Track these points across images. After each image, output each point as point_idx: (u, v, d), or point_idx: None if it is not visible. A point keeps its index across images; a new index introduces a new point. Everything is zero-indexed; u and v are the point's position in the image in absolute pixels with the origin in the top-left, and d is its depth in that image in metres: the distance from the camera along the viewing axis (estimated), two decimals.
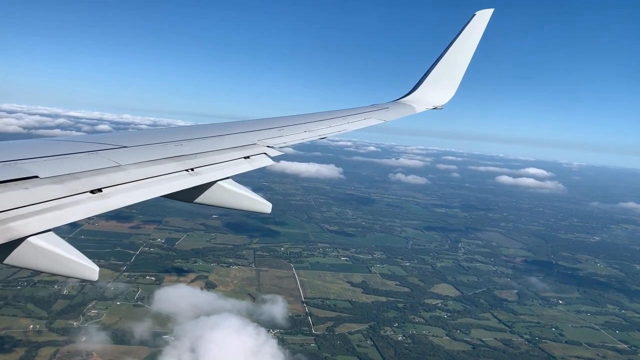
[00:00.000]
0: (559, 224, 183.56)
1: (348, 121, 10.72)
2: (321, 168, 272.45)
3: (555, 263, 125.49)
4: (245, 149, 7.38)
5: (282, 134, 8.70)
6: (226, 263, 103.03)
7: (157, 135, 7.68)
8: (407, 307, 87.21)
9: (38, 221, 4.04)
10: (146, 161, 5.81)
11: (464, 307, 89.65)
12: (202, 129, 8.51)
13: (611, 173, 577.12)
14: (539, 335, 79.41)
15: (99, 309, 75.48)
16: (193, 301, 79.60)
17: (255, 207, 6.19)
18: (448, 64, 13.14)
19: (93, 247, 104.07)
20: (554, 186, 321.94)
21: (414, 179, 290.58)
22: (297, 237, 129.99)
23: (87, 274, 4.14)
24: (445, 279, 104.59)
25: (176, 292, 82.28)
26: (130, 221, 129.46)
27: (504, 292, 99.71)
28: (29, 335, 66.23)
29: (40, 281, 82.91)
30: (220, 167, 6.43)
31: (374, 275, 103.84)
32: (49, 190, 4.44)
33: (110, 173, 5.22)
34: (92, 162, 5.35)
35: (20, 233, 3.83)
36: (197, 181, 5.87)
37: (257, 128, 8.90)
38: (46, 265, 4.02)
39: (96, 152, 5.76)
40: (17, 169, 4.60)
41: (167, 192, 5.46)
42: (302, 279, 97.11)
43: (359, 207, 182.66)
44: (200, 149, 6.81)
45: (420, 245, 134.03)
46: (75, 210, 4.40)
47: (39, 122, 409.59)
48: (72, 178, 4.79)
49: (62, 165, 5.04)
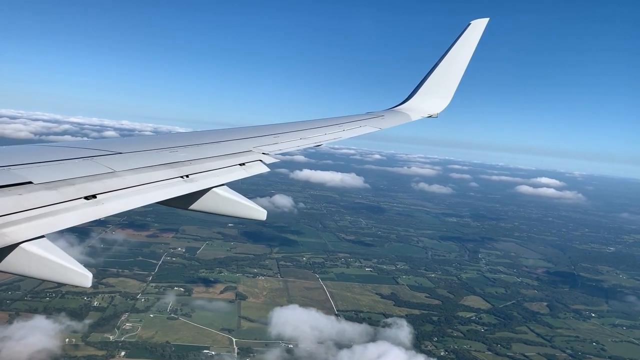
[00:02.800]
0: (571, 234, 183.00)
1: (343, 129, 10.68)
2: (345, 177, 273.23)
3: (578, 274, 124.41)
4: (241, 156, 7.35)
5: (278, 141, 8.68)
6: (251, 273, 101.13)
7: (151, 141, 7.54)
8: (442, 320, 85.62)
9: (31, 227, 3.97)
10: (141, 167, 5.77)
11: (499, 320, 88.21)
12: (197, 136, 8.51)
13: (610, 183, 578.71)
14: (581, 350, 78.02)
15: (133, 321, 73.34)
16: (311, 324, 76.56)
17: (250, 214, 6.12)
18: (443, 73, 13.20)
19: (114, 256, 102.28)
20: (573, 196, 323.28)
21: (438, 189, 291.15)
22: (316, 247, 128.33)
23: (80, 281, 4.03)
24: (474, 290, 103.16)
25: (291, 313, 79.31)
26: (146, 229, 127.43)
27: (534, 305, 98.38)
28: (67, 349, 64.06)
29: (69, 292, 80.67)
30: (215, 173, 6.38)
31: (402, 286, 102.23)
32: (42, 196, 4.37)
33: (105, 179, 5.16)
34: (86, 168, 5.31)
35: (13, 239, 3.75)
36: (192, 188, 5.84)
37: (252, 135, 8.86)
38: (39, 272, 3.92)
39: (91, 158, 5.70)
40: (11, 175, 4.55)
41: (161, 199, 5.41)
42: (331, 291, 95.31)
43: (371, 215, 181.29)
44: (195, 156, 6.76)
45: (440, 255, 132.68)
46: (69, 217, 4.31)
47: (45, 127, 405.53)
48: (66, 184, 4.72)
49: (56, 171, 4.98)
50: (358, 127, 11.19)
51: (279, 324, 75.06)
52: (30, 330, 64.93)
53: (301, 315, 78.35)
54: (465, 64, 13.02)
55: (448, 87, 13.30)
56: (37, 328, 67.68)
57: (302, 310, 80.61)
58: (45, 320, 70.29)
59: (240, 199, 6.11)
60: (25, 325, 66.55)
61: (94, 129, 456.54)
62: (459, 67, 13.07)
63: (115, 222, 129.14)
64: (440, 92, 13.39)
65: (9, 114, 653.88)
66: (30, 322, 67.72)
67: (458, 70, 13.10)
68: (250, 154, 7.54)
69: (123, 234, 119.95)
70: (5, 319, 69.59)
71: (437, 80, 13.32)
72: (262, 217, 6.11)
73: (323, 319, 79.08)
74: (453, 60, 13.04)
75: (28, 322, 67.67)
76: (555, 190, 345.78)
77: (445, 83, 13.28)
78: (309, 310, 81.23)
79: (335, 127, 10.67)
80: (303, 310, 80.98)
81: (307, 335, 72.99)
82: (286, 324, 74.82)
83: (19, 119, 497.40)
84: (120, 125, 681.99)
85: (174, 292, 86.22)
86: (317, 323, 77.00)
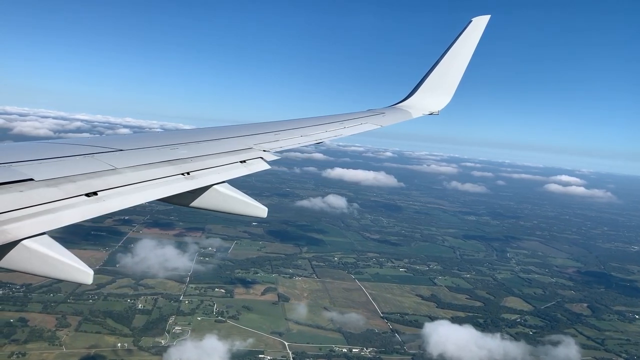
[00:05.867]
0: (591, 233, 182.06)
1: (344, 126, 10.61)
2: (377, 175, 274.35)
3: (609, 274, 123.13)
4: (242, 153, 7.28)
5: (278, 139, 8.62)
6: (287, 274, 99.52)
7: (152, 138, 7.50)
8: (488, 322, 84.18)
9: (33, 224, 3.93)
10: (142, 164, 5.72)
11: (544, 323, 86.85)
12: (198, 133, 8.49)
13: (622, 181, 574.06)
14: (636, 354, 76.66)
15: (182, 324, 71.68)
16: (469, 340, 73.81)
17: (251, 211, 6.04)
18: (444, 70, 13.14)
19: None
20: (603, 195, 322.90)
21: (472, 187, 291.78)
22: (343, 246, 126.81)
23: (82, 278, 3.93)
24: (512, 291, 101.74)
25: (446, 330, 76.62)
26: (172, 228, 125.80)
27: (574, 306, 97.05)
28: (121, 354, 62.45)
29: (110, 294, 78.97)
30: (216, 171, 6.35)
31: (440, 288, 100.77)
32: (44, 193, 4.33)
33: (106, 176, 5.08)
34: (87, 165, 5.26)
35: (14, 236, 3.74)
36: (193, 185, 5.78)
37: (253, 132, 8.77)
38: (41, 269, 3.87)
39: (92, 155, 5.65)
40: (12, 172, 4.53)
41: (162, 196, 5.35)
42: (371, 292, 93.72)
43: (391, 214, 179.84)
44: (196, 153, 6.70)
45: (469, 255, 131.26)
46: (71, 213, 4.25)
47: (58, 125, 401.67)
48: (67, 181, 4.66)
49: (57, 168, 4.91)
50: (359, 124, 11.06)
51: (438, 342, 72.07)
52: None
53: (453, 331, 76.51)
54: (467, 61, 12.96)
55: (449, 84, 13.23)
56: (87, 333, 66.22)
57: (454, 326, 79.02)
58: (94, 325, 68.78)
59: (240, 196, 6.03)
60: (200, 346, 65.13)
61: (103, 126, 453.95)
62: (460, 64, 13.00)
63: (139, 221, 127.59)
64: (442, 90, 13.32)
65: (15, 111, 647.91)
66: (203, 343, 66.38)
67: (459, 68, 13.03)
68: (251, 151, 7.48)
69: (150, 233, 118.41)
70: (52, 322, 67.78)
71: (439, 78, 13.25)
72: (262, 215, 5.99)
73: (475, 334, 76.69)
74: (454, 58, 12.98)
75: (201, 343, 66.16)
76: (585, 189, 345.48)
77: (446, 80, 13.20)
78: (463, 326, 79.34)
79: (336, 124, 10.60)
80: (452, 325, 79.59)
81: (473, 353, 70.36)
82: (446, 342, 71.92)
83: (29, 116, 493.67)
84: (127, 122, 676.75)
85: (215, 293, 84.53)
86: (476, 340, 74.62)
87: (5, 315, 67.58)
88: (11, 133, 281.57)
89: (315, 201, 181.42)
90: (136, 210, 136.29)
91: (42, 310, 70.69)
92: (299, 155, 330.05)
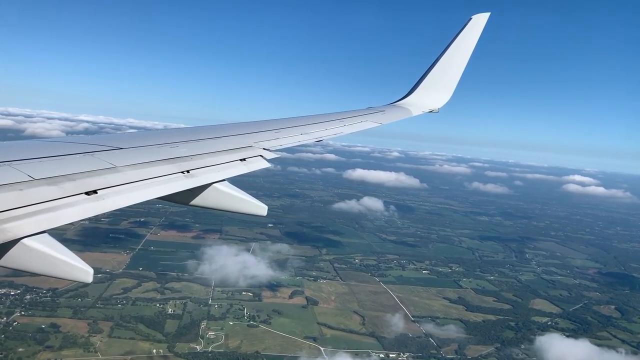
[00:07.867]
0: (605, 233, 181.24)
1: (344, 124, 10.55)
2: (399, 177, 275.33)
3: (631, 275, 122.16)
4: (241, 151, 7.22)
5: (278, 137, 8.56)
6: (311, 276, 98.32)
7: (152, 137, 7.39)
8: (520, 326, 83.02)
9: (32, 223, 3.91)
10: (141, 163, 5.64)
11: (576, 325, 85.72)
12: (198, 131, 8.45)
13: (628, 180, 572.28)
14: None
15: (215, 329, 70.30)
16: None
17: (251, 209, 5.93)
18: (444, 68, 13.10)
19: (168, 259, 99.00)
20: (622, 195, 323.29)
21: (494, 188, 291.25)
22: (361, 248, 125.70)
23: (81, 276, 3.93)
24: (538, 293, 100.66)
25: (561, 344, 75.33)
26: (189, 230, 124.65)
27: (603, 308, 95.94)
28: None
29: (139, 299, 77.57)
30: (215, 169, 6.27)
31: (467, 290, 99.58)
32: (43, 191, 4.30)
33: (106, 174, 5.03)
34: (87, 163, 5.22)
35: (14, 234, 3.73)
36: (193, 183, 5.69)
37: (252, 130, 8.72)
38: (40, 267, 3.86)
39: (91, 153, 5.58)
40: (12, 170, 4.52)
41: (162, 194, 5.27)
42: (398, 295, 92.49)
43: (404, 215, 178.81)
44: (195, 151, 6.61)
45: (488, 256, 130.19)
46: (70, 212, 4.24)
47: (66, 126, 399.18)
48: (66, 179, 4.65)
49: (56, 167, 4.89)
50: (359, 122, 10.98)
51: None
52: None
53: (570, 346, 75.16)
54: (467, 59, 12.91)
55: (449, 82, 13.19)
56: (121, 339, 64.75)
57: (569, 340, 77.79)
58: (127, 331, 67.30)
59: (240, 194, 5.97)
60: None
61: (110, 127, 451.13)
62: (460, 62, 12.96)
63: (155, 223, 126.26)
64: (441, 87, 13.28)
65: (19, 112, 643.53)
66: None
67: (459, 65, 12.99)
68: (251, 150, 7.42)
69: (167, 236, 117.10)
70: (84, 328, 66.30)
71: (438, 75, 13.22)
72: (262, 213, 5.94)
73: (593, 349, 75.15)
74: (454, 55, 12.93)
75: None
76: (605, 190, 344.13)
77: (446, 78, 13.17)
78: (578, 340, 78.01)
79: (336, 122, 10.57)
80: (567, 339, 78.30)
81: None
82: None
83: (34, 118, 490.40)
84: (130, 123, 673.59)
85: (243, 297, 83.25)
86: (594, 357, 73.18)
87: (36, 321, 66.12)
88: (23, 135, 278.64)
89: (351, 203, 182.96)
90: (151, 212, 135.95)
91: (72, 315, 69.23)
92: (311, 157, 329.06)
